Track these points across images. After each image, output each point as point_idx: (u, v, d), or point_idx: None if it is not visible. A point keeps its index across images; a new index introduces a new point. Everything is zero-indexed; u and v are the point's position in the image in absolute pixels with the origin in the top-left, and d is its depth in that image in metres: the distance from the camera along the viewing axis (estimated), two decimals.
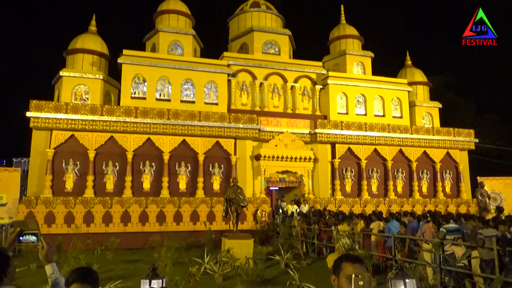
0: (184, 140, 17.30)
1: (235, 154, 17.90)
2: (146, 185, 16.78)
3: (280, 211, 17.29)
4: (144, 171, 16.84)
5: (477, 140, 22.16)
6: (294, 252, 12.32)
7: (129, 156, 16.49)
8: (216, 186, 17.60)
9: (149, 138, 16.88)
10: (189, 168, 17.39)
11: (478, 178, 19.57)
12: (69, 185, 15.92)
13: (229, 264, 9.43)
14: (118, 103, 18.04)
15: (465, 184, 21.35)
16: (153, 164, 16.96)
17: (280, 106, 19.96)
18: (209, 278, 9.26)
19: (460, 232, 8.83)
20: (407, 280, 3.10)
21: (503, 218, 9.80)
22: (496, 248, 7.47)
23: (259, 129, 18.39)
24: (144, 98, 17.73)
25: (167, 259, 9.77)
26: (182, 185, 17.20)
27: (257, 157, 18.14)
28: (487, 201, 17.74)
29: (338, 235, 10.89)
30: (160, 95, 18.08)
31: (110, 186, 16.37)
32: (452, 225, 8.84)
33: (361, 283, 1.73)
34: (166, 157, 16.91)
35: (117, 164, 16.54)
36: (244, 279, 8.53)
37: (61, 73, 17.56)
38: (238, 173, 17.40)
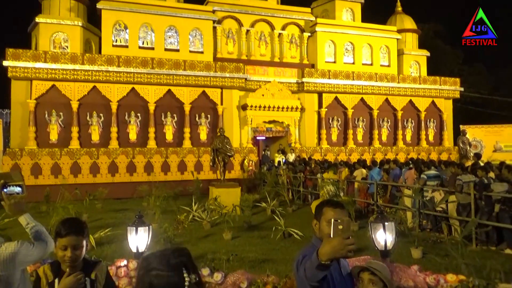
0: (169, 90, 16.99)
1: (221, 104, 17.74)
2: (132, 136, 16.68)
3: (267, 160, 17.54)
4: (130, 121, 16.65)
5: (462, 89, 22.34)
6: (280, 200, 12.68)
7: (114, 106, 16.20)
8: (203, 136, 17.61)
9: (133, 88, 16.52)
10: (176, 118, 17.25)
11: (461, 126, 19.99)
12: (53, 137, 15.72)
13: (216, 211, 9.67)
14: (99, 52, 17.41)
15: (448, 132, 21.81)
16: (139, 114, 16.75)
17: (267, 55, 19.54)
18: (197, 225, 9.54)
19: (440, 178, 9.15)
20: (386, 223, 3.26)
21: (481, 164, 10.14)
22: (473, 192, 7.79)
23: (246, 78, 18.12)
24: (127, 46, 17.11)
25: (155, 208, 9.95)
26: (169, 136, 17.16)
27: (244, 107, 18.04)
28: (468, 148, 18.23)
29: (323, 182, 11.17)
30: (143, 43, 17.46)
31: (95, 137, 16.23)
32: (432, 171, 9.14)
33: (340, 227, 1.78)
34: (151, 107, 16.68)
35: (101, 115, 16.28)
36: (231, 225, 8.80)
37: (37, 20, 16.67)
38: (225, 123, 17.36)
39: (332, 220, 1.84)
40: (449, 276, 2.84)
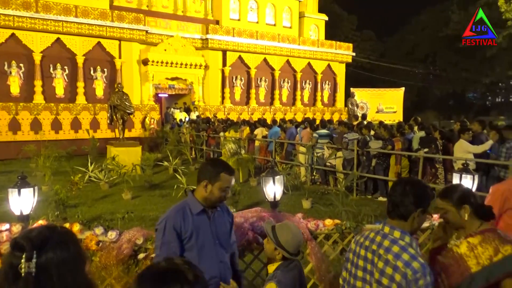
0: (58, 38, 15.25)
1: (120, 57, 16.58)
2: (15, 89, 14.79)
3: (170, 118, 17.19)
4: (11, 72, 14.67)
5: (354, 54, 24.19)
6: (183, 158, 12.67)
7: None
8: (100, 92, 16.41)
9: (13, 34, 14.43)
10: (67, 71, 15.68)
11: (351, 89, 21.81)
12: None
13: (115, 171, 9.33)
14: None
15: (340, 94, 23.72)
16: (22, 65, 14.81)
17: (169, 7, 18.56)
18: (94, 186, 9.12)
19: (330, 136, 10.04)
20: (276, 177, 3.55)
21: (366, 123, 11.35)
22: (356, 149, 8.77)
23: (147, 31, 17.07)
24: None
25: (45, 169, 9.21)
26: (59, 90, 15.62)
27: (145, 62, 17.13)
28: (356, 109, 20.13)
29: (225, 140, 11.43)
30: None
31: None
32: (323, 130, 9.97)
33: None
34: (37, 57, 14.86)
35: None
36: (131, 185, 8.61)
37: None
38: (124, 78, 16.37)
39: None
40: (327, 221, 3.25)
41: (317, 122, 12.56)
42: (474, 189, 4.45)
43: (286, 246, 2.11)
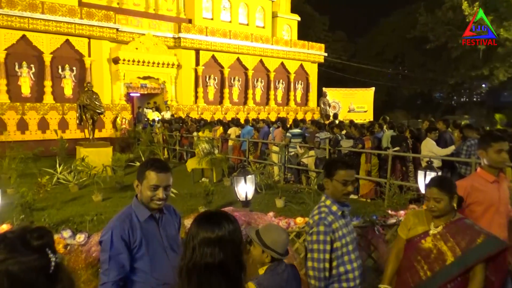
0: (24, 35, 14.72)
1: (89, 55, 16.17)
2: None
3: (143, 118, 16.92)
4: None
5: (326, 54, 24.57)
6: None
7: None
8: (68, 91, 15.95)
9: None
10: (33, 69, 15.16)
11: (323, 88, 22.15)
12: None
13: (85, 172, 9.10)
14: None
15: (312, 93, 24.04)
16: None
17: (141, 5, 18.25)
18: (63, 188, 8.87)
19: (303, 136, 10.17)
20: (247, 176, 3.58)
21: (337, 123, 11.57)
22: (328, 148, 8.92)
23: (117, 29, 16.73)
24: None
25: (11, 171, 8.87)
26: (25, 89, 15.07)
27: (116, 60, 16.78)
28: (328, 108, 20.45)
29: (198, 140, 11.36)
30: None
31: None
32: (296, 130, 10.09)
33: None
34: (1, 55, 14.30)
35: None
36: (102, 186, 8.43)
37: None
38: (93, 77, 15.98)
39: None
40: (298, 219, 3.31)
41: (290, 121, 12.71)
42: None
43: (273, 247, 2.02)
